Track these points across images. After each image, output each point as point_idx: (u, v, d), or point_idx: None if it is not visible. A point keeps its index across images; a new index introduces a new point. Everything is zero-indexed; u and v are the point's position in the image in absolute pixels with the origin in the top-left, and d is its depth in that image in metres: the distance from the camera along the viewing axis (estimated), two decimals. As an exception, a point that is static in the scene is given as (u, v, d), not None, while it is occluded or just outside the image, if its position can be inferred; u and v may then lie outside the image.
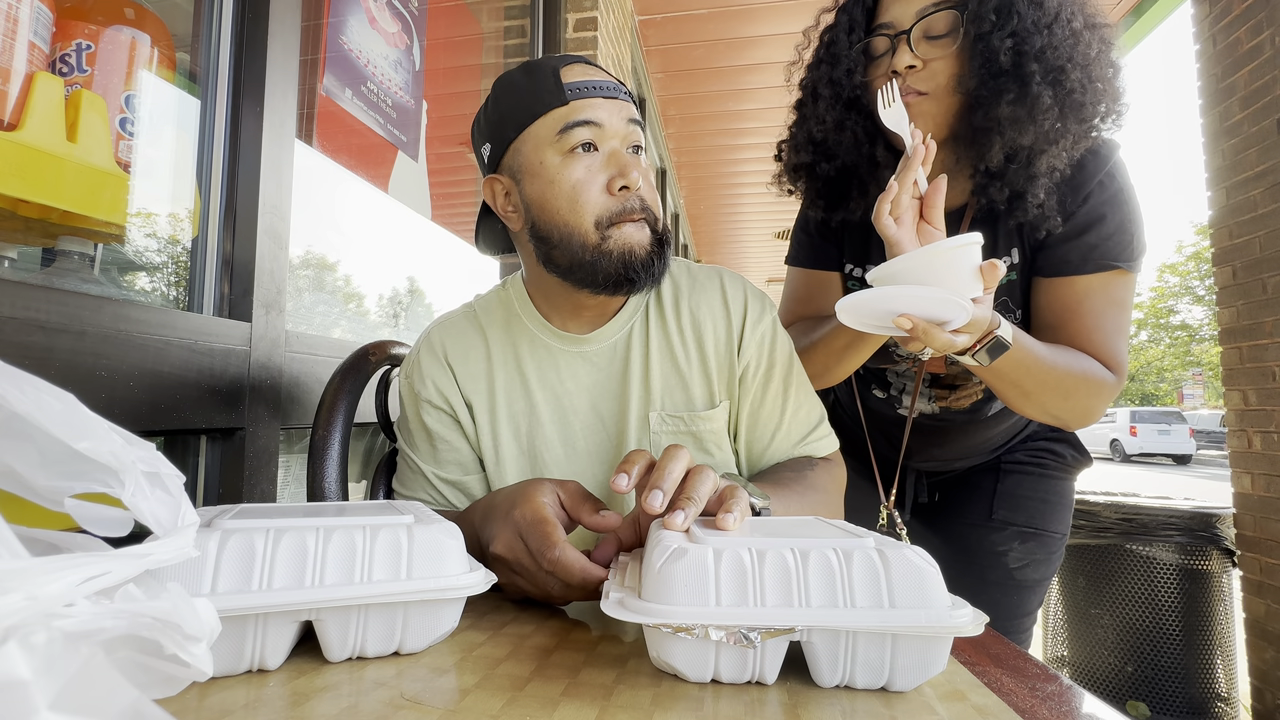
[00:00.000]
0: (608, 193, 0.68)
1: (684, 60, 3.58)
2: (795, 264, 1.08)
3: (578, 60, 0.73)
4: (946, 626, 0.36)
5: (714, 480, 0.50)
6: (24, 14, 0.67)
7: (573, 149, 0.68)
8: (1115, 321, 0.84)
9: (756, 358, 0.77)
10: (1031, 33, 0.77)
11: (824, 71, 0.90)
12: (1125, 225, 0.83)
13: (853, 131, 0.89)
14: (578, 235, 0.68)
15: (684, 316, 0.78)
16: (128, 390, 0.72)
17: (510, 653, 0.43)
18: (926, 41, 0.82)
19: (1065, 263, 0.85)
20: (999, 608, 1.01)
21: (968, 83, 0.80)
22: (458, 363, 0.77)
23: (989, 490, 1.05)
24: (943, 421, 1.03)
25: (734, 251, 7.89)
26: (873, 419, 1.11)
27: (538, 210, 0.71)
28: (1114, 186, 0.84)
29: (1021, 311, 0.91)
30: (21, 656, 0.19)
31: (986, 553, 1.02)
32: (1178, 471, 14.99)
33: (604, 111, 0.69)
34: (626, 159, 0.69)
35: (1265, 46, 2.24)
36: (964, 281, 0.67)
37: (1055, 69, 0.77)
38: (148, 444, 0.33)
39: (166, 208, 0.88)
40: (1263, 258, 2.29)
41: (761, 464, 0.79)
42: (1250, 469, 2.37)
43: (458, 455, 0.77)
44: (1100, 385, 0.82)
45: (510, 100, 0.72)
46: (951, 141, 0.85)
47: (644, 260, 0.69)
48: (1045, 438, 1.06)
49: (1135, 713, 2.29)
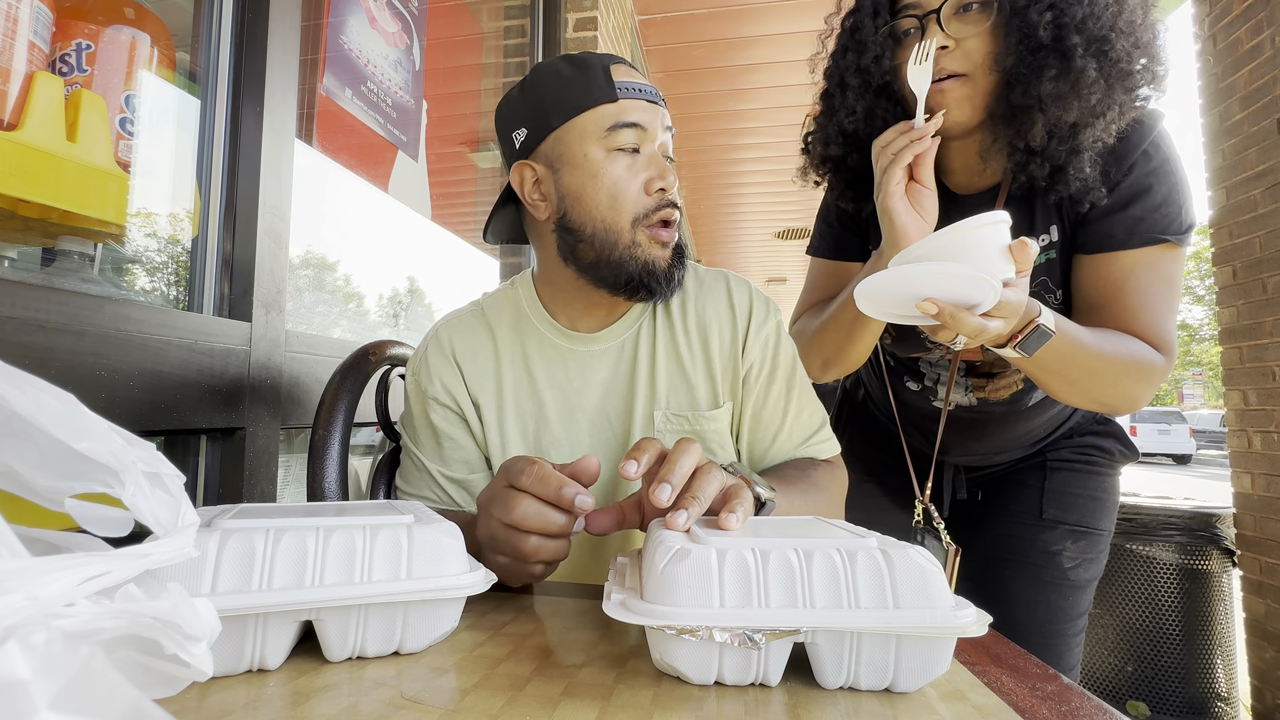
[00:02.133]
0: (645, 193, 0.71)
1: (684, 60, 3.58)
2: (817, 254, 1.06)
3: (621, 60, 0.74)
4: (952, 627, 0.36)
5: (720, 480, 0.50)
6: (24, 14, 0.67)
7: (619, 148, 0.70)
8: (1164, 299, 0.79)
9: (760, 359, 0.78)
10: (1071, 2, 0.73)
11: (850, 60, 0.86)
12: (1172, 196, 0.78)
13: (884, 120, 0.85)
14: (613, 231, 0.70)
15: (690, 318, 0.79)
16: (128, 390, 0.72)
17: (510, 653, 0.43)
18: (957, 19, 0.77)
19: (1109, 237, 0.80)
20: (1055, 609, 0.96)
21: (1005, 60, 0.75)
22: (466, 361, 0.78)
23: (1037, 488, 1.01)
24: (980, 413, 0.99)
25: (734, 251, 7.88)
26: (906, 412, 1.07)
27: (573, 201, 0.72)
28: (1160, 156, 0.79)
29: (1062, 292, 0.87)
30: (21, 656, 0.19)
31: (1039, 553, 0.98)
32: (1178, 471, 14.99)
33: (648, 115, 0.71)
34: (664, 163, 0.72)
35: (1265, 46, 2.24)
36: (992, 262, 0.62)
37: (1099, 39, 0.72)
38: (148, 444, 0.33)
39: (166, 207, 0.88)
40: (1263, 258, 2.29)
41: (764, 464, 0.80)
42: (1250, 469, 2.37)
43: (464, 454, 0.77)
44: (1150, 369, 0.77)
45: (556, 89, 0.71)
46: (989, 120, 0.80)
47: (665, 271, 0.72)
48: (1091, 432, 1.02)
49: (1135, 713, 2.29)
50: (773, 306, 0.82)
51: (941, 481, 1.08)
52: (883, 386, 1.09)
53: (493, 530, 0.52)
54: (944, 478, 1.08)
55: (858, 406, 1.22)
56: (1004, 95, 0.77)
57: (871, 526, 0.49)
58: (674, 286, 0.73)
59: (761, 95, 3.93)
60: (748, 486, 0.54)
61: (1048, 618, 0.96)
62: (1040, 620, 0.95)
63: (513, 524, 0.50)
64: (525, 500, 0.50)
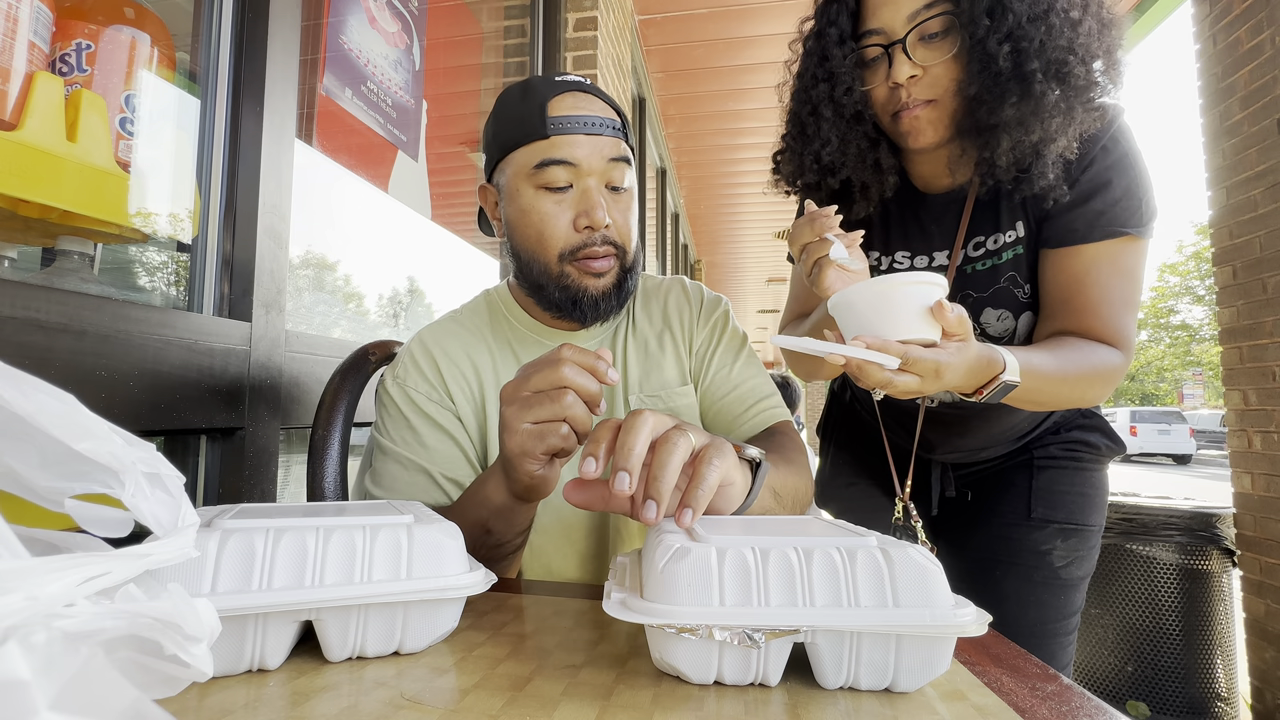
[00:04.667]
0: (574, 229, 0.72)
1: (684, 60, 3.58)
2: (795, 261, 1.08)
3: (574, 87, 0.74)
4: (952, 626, 0.36)
5: (684, 447, 0.48)
6: (24, 14, 0.67)
7: (545, 185, 0.72)
8: (1123, 293, 0.81)
9: (710, 336, 0.86)
10: (1027, 29, 0.74)
11: (823, 91, 0.87)
12: (1132, 190, 0.80)
13: (857, 145, 0.88)
14: (540, 264, 0.74)
15: (655, 312, 0.87)
16: (128, 390, 0.72)
17: (510, 653, 0.43)
18: (923, 45, 0.79)
19: (1071, 231, 0.82)
20: (1047, 608, 0.97)
21: (969, 88, 0.78)
22: (459, 362, 0.79)
23: (1024, 488, 1.01)
24: (962, 409, 1.00)
25: (733, 251, 7.89)
26: (889, 410, 1.09)
27: (511, 230, 0.76)
28: (1118, 150, 0.81)
29: (1030, 286, 0.89)
30: (21, 656, 0.19)
31: (1029, 552, 0.98)
32: (1178, 471, 15.00)
33: (584, 150, 0.71)
34: (595, 199, 0.72)
35: (1265, 46, 2.24)
36: (911, 320, 0.64)
37: (1057, 62, 0.74)
38: (148, 444, 0.33)
39: (166, 207, 0.88)
40: (1263, 258, 2.29)
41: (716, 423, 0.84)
42: (1250, 469, 2.37)
43: (456, 450, 0.77)
44: (1111, 373, 0.80)
45: (503, 120, 0.75)
46: (956, 136, 0.83)
47: (596, 298, 0.74)
48: (1077, 426, 1.04)
49: (1135, 713, 2.29)
50: (723, 299, 0.90)
51: (930, 479, 1.09)
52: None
53: (527, 396, 0.54)
54: (932, 475, 1.09)
55: (845, 408, 1.24)
56: (970, 114, 0.79)
57: (862, 525, 0.49)
58: (608, 311, 0.76)
59: (761, 95, 3.94)
60: (738, 452, 0.55)
61: (1040, 618, 0.96)
62: (1033, 621, 0.96)
63: (555, 382, 0.53)
64: (568, 364, 0.53)
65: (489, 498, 0.62)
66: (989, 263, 0.90)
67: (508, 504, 0.61)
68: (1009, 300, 0.90)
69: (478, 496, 0.64)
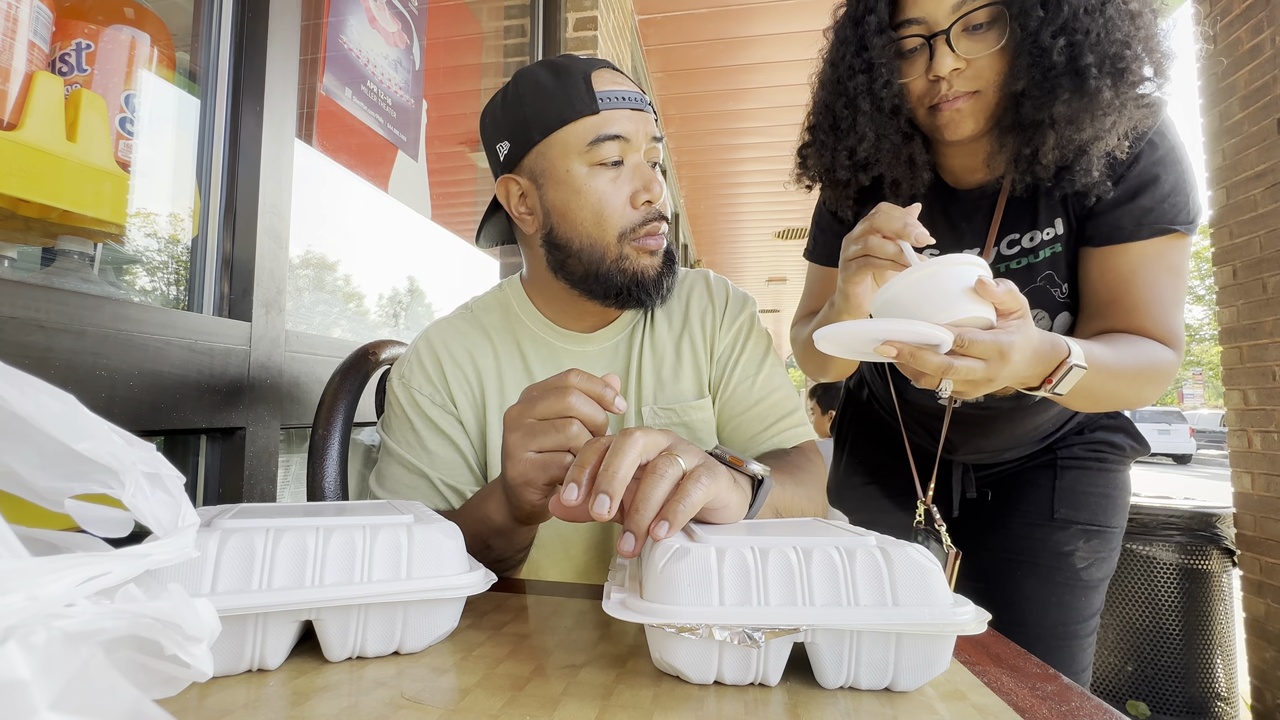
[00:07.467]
0: (631, 206, 0.70)
1: (683, 60, 3.58)
2: (812, 259, 1.06)
3: (605, 65, 0.72)
4: (951, 624, 0.36)
5: (670, 481, 0.45)
6: (24, 13, 0.67)
7: (601, 162, 0.69)
8: (1173, 291, 0.78)
9: (732, 344, 0.82)
10: (1084, 21, 0.70)
11: (861, 82, 0.82)
12: (1180, 185, 0.77)
13: (892, 140, 0.84)
14: (599, 247, 0.71)
15: (676, 315, 0.82)
16: (128, 390, 0.72)
17: (510, 653, 0.43)
18: (967, 37, 0.75)
19: (1118, 229, 0.78)
20: (1068, 610, 0.96)
21: (1016, 82, 0.74)
22: (463, 363, 0.78)
23: (1048, 488, 0.99)
24: (987, 410, 0.97)
25: (733, 251, 7.88)
26: (910, 411, 1.06)
27: (559, 217, 0.72)
28: (1165, 145, 0.78)
29: (1068, 285, 0.86)
30: (21, 656, 0.19)
31: (1051, 553, 0.96)
32: (1178, 471, 14.99)
33: (632, 124, 0.70)
34: (650, 173, 0.71)
35: (1265, 46, 2.24)
36: (957, 302, 0.59)
37: (1113, 56, 0.70)
38: (148, 444, 0.33)
39: (166, 207, 0.88)
40: (1263, 257, 2.29)
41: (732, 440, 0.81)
42: (1250, 469, 2.37)
43: (458, 457, 0.77)
44: (1166, 371, 0.77)
45: (537, 101, 0.70)
46: (995, 130, 0.79)
47: (654, 280, 0.72)
48: (1101, 427, 1.01)
49: (1135, 712, 2.29)
50: (749, 300, 0.85)
51: (950, 480, 1.06)
52: (886, 385, 1.08)
53: (531, 424, 0.53)
54: (953, 476, 1.06)
55: (862, 407, 1.21)
56: (1013, 108, 0.76)
57: (874, 528, 0.49)
58: (664, 293, 0.74)
59: (761, 95, 3.93)
60: (739, 467, 0.54)
61: (1061, 619, 0.95)
62: (1054, 622, 0.95)
63: (561, 411, 0.52)
64: (575, 392, 0.52)
65: (489, 517, 0.61)
66: (1024, 261, 0.86)
67: (508, 525, 0.61)
68: (1045, 300, 0.87)
69: (478, 514, 0.63)
